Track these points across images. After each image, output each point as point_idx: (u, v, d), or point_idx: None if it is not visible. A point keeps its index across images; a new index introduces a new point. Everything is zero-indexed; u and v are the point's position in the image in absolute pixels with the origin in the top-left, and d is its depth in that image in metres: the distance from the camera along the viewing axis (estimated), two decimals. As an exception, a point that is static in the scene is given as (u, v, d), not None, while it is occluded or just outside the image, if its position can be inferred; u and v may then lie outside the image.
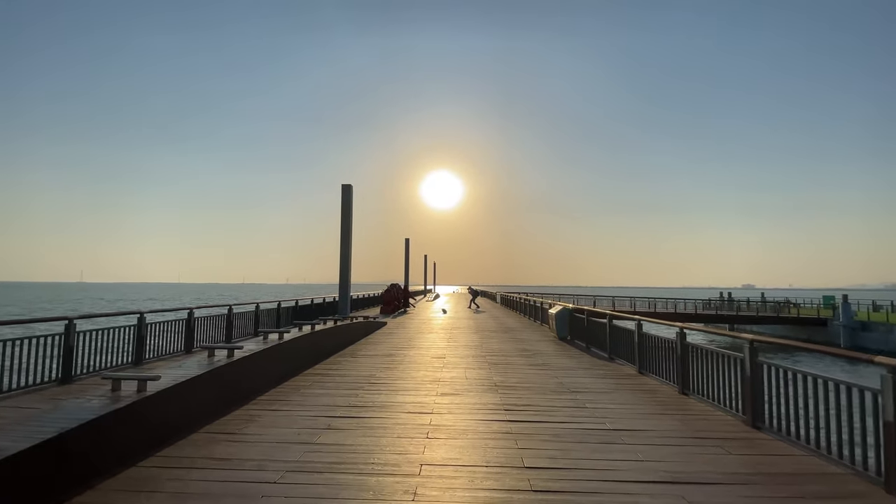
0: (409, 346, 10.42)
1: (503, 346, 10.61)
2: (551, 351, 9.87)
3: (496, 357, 8.95)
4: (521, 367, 7.96)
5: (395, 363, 8.12)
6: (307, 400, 5.68)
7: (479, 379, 6.91)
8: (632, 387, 6.58)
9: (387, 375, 7.06)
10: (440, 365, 8.04)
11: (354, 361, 8.30)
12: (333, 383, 6.55)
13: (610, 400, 5.82)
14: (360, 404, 5.45)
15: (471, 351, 9.70)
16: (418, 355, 9.06)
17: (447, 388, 6.30)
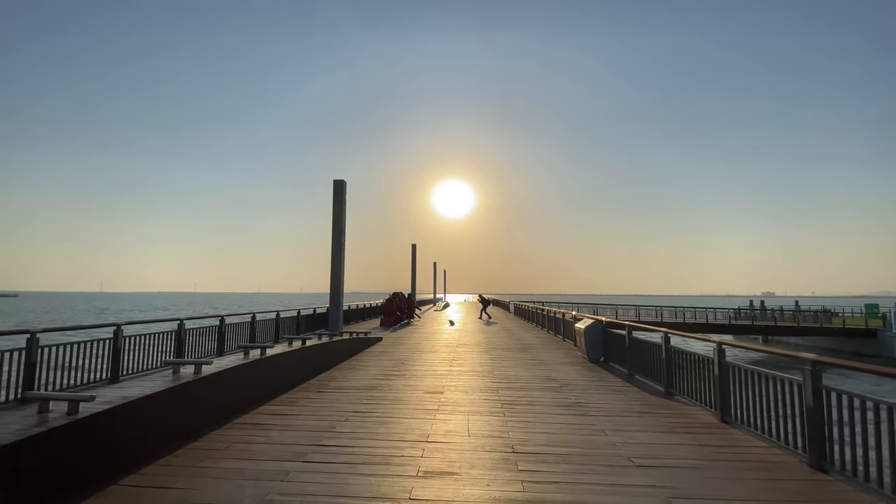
0: (401, 372, 8.14)
1: (520, 371, 8.26)
2: (584, 381, 7.49)
3: (512, 392, 6.61)
4: (549, 410, 5.61)
5: (372, 404, 5.81)
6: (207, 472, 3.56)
7: (488, 437, 4.58)
8: (725, 450, 4.23)
9: (351, 431, 4.73)
10: (434, 406, 5.73)
11: (318, 399, 6.03)
12: (261, 447, 4.26)
13: (708, 484, 3.48)
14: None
15: (478, 381, 7.38)
16: (407, 389, 6.77)
17: (437, 460, 3.96)
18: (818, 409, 3.78)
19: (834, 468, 3.65)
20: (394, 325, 18.83)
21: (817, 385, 3.82)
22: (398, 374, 7.93)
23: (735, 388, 4.97)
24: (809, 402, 3.84)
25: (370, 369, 8.37)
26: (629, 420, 5.23)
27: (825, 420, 3.74)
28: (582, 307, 37.78)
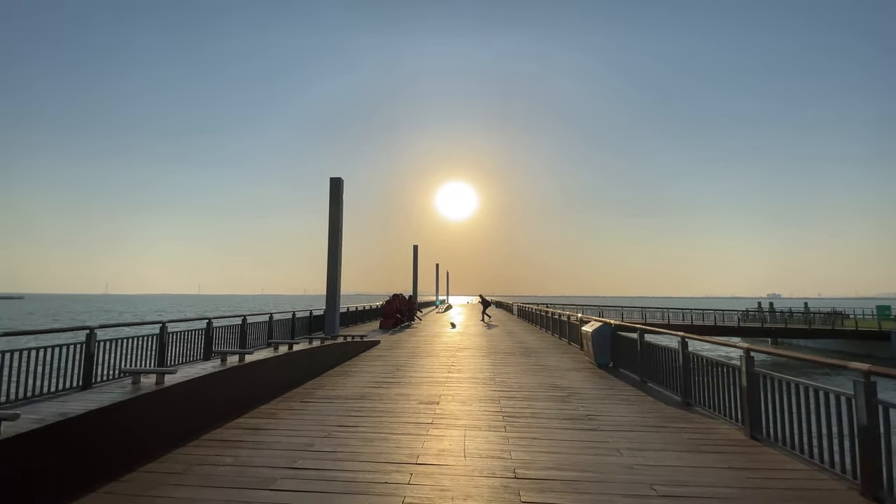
0: (395, 379, 7.58)
1: (524, 378, 7.68)
2: (593, 390, 6.90)
3: (515, 402, 6.03)
4: (555, 424, 5.02)
5: (359, 417, 5.24)
6: None
7: (487, 457, 4.01)
8: (760, 474, 3.66)
9: (332, 450, 4.14)
10: (428, 419, 5.17)
11: (300, 411, 5.48)
12: (225, 470, 3.69)
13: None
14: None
15: (478, 389, 6.80)
16: (401, 398, 6.20)
17: (426, 487, 3.39)
18: (872, 427, 3.23)
19: (892, 497, 3.12)
20: (393, 328, 18.28)
21: (871, 399, 3.26)
22: (392, 381, 7.37)
23: (767, 400, 4.40)
24: (862, 418, 3.29)
25: (363, 375, 7.81)
26: (646, 436, 4.65)
27: (881, 440, 3.19)
28: (586, 309, 37.12)
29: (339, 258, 14.46)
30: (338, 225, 14.50)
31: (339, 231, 14.56)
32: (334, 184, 14.68)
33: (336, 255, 14.38)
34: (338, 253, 14.41)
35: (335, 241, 14.43)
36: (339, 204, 14.62)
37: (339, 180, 14.71)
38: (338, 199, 14.61)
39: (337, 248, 14.40)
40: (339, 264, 14.55)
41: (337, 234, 14.44)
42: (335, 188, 14.67)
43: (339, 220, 14.57)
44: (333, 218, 14.53)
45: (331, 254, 14.41)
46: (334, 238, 14.44)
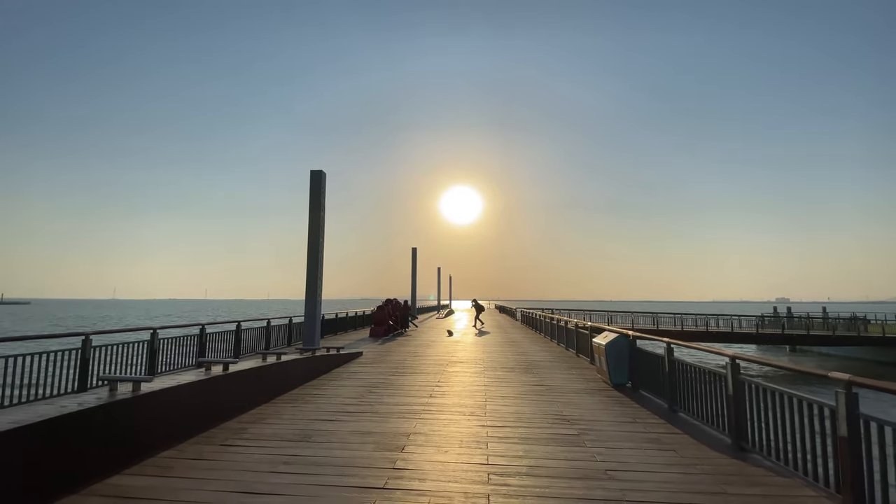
0: (360, 407, 6.03)
1: (523, 406, 6.11)
2: (611, 424, 5.31)
3: (508, 446, 4.45)
4: (564, 488, 3.46)
5: (287, 473, 3.67)
6: None
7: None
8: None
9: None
10: (380, 482, 3.58)
11: (211, 463, 3.92)
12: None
13: None
14: None
15: (462, 425, 5.20)
16: (355, 439, 4.61)
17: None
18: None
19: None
20: (384, 337, 16.77)
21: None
22: (354, 410, 5.82)
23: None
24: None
25: (322, 401, 6.30)
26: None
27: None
28: (592, 315, 35.40)
29: (320, 259, 13.01)
30: (319, 222, 13.06)
31: (321, 229, 13.12)
32: (315, 178, 13.26)
33: (317, 255, 12.93)
34: (318, 253, 12.96)
35: (315, 241, 12.99)
36: (321, 199, 13.18)
37: (321, 174, 13.28)
38: (319, 195, 13.17)
39: (318, 248, 12.96)
40: (321, 266, 13.09)
41: (318, 232, 13.00)
42: (316, 182, 13.24)
43: (321, 218, 13.13)
44: (314, 215, 13.10)
45: (311, 254, 12.97)
46: (315, 237, 13.00)
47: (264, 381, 6.38)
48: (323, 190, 13.36)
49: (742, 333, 29.37)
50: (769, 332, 29.58)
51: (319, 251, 13.05)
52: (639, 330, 27.98)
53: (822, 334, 29.05)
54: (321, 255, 13.20)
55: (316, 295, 12.84)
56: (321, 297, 13.11)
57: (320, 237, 13.12)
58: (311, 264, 12.95)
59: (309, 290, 12.86)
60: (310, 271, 12.92)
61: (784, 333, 29.14)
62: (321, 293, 13.13)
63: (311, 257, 12.98)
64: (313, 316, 12.75)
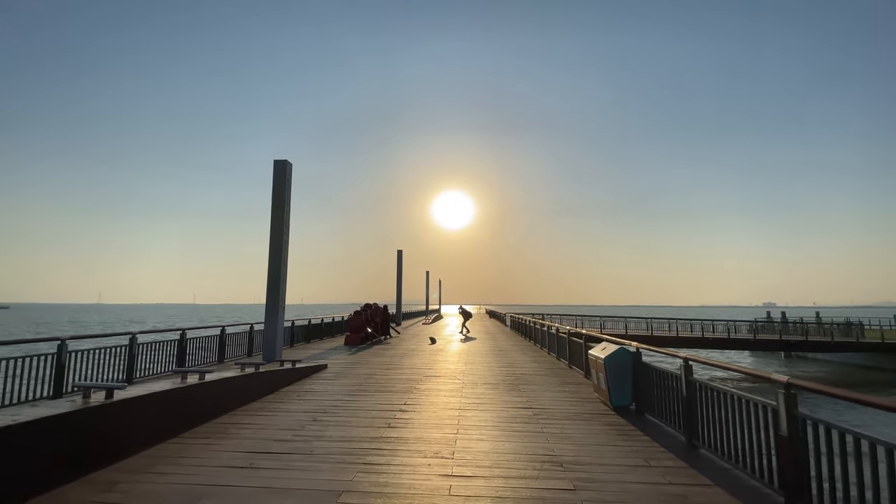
0: (294, 443, 4.66)
1: (503, 441, 4.79)
2: (616, 468, 4.01)
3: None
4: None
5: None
6: None
7: None
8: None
9: None
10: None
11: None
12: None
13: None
14: None
15: (419, 476, 3.83)
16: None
17: None
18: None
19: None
20: (360, 345, 15.37)
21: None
22: (282, 449, 4.43)
23: None
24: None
25: (248, 434, 4.93)
26: None
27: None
28: (584, 320, 34.23)
29: (283, 259, 11.64)
30: (283, 217, 11.69)
31: (285, 225, 11.75)
32: (279, 168, 11.91)
33: (280, 254, 11.56)
34: (282, 252, 11.59)
35: (279, 238, 11.62)
36: (285, 192, 11.83)
37: (285, 164, 11.94)
38: (283, 187, 11.82)
39: (281, 246, 11.59)
40: (285, 266, 11.72)
41: (281, 228, 11.64)
42: (280, 173, 11.89)
43: (285, 213, 11.77)
44: (277, 209, 11.73)
45: (273, 253, 11.59)
46: (278, 233, 11.63)
47: (178, 408, 5.00)
48: (288, 182, 12.01)
49: (739, 339, 28.38)
50: (766, 339, 28.61)
51: (283, 249, 11.69)
52: (636, 338, 26.82)
53: (820, 340, 28.15)
54: (285, 254, 11.83)
55: (278, 299, 11.46)
56: (284, 301, 11.73)
57: (284, 233, 11.75)
58: (274, 264, 11.58)
59: (270, 294, 11.48)
60: (271, 272, 11.54)
61: (781, 339, 28.18)
62: (284, 297, 11.75)
63: (274, 256, 11.60)
64: (275, 323, 11.36)
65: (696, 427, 4.56)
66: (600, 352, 6.77)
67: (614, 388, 6.33)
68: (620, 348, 6.46)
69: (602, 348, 6.90)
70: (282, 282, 11.54)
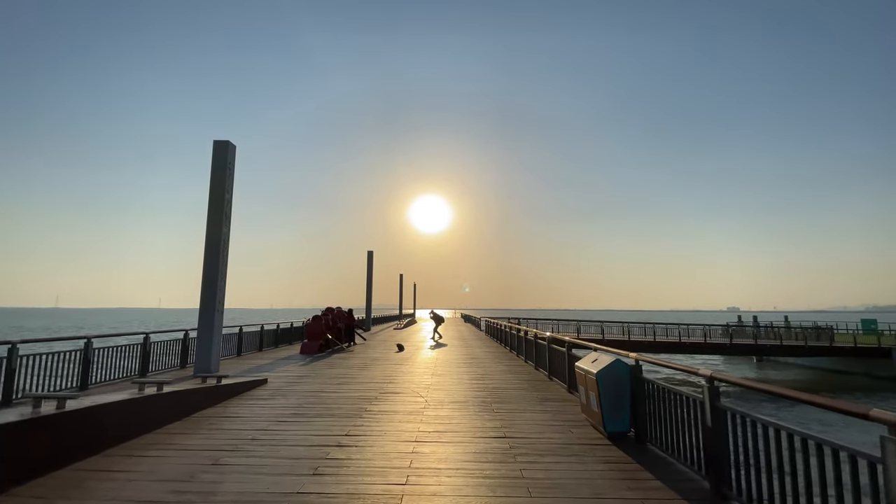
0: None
1: (470, 495, 3.48)
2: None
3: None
4: None
5: None
6: None
7: None
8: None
9: None
10: None
11: None
12: None
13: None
14: None
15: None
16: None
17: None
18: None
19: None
20: (318, 354, 13.79)
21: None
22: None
23: None
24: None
25: (107, 490, 3.44)
26: None
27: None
28: (560, 324, 33.36)
29: (222, 256, 10.03)
30: (222, 208, 10.10)
31: (225, 216, 10.16)
32: (219, 150, 10.31)
33: (217, 251, 9.94)
34: (220, 249, 9.98)
35: (217, 232, 10.01)
36: (226, 175, 10.24)
37: (227, 145, 10.34)
38: (223, 173, 10.23)
39: (219, 241, 9.98)
40: (223, 265, 10.10)
41: (220, 220, 10.03)
42: (220, 157, 10.29)
43: (226, 202, 10.18)
44: (216, 198, 10.12)
45: (210, 249, 9.96)
46: (216, 227, 10.01)
47: (15, 452, 3.46)
48: (230, 166, 10.42)
49: (716, 344, 28.00)
50: (742, 343, 28.35)
51: (222, 245, 10.07)
52: (614, 343, 25.90)
53: (794, 345, 28.07)
54: (225, 251, 10.21)
55: (215, 301, 9.84)
56: (223, 304, 10.11)
57: (224, 226, 10.15)
58: (210, 261, 9.95)
59: (205, 296, 9.84)
60: (207, 271, 9.91)
61: (757, 344, 27.97)
62: (223, 300, 10.13)
63: (211, 252, 9.98)
64: (210, 330, 9.72)
65: (726, 469, 3.36)
66: (591, 364, 5.53)
67: (609, 411, 5.10)
68: (616, 360, 5.23)
69: (592, 360, 5.66)
70: (220, 281, 9.92)
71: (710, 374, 3.65)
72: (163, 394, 5.51)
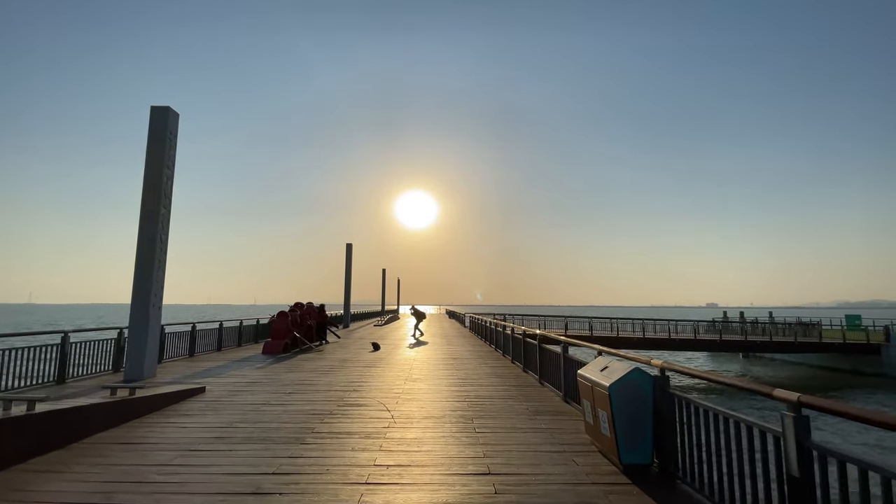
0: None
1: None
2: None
3: None
4: None
5: None
6: None
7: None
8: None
9: None
10: None
11: None
12: None
13: None
14: None
15: None
16: None
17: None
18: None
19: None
20: (283, 354, 12.36)
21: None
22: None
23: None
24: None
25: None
26: None
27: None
28: (546, 321, 32.38)
29: (159, 242, 8.54)
30: (160, 184, 8.60)
31: (164, 196, 8.66)
32: (157, 117, 8.78)
33: (154, 236, 8.45)
34: (157, 233, 8.49)
35: (154, 213, 8.50)
36: (165, 147, 8.73)
37: (167, 111, 8.82)
38: (162, 140, 8.72)
39: (156, 224, 8.48)
40: (160, 251, 8.62)
41: (157, 199, 8.53)
42: (158, 124, 8.76)
43: (164, 174, 8.67)
44: (153, 171, 8.61)
45: (145, 234, 8.45)
46: (152, 206, 8.50)
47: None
48: (170, 137, 8.90)
49: (705, 341, 27.32)
50: (732, 340, 27.73)
51: (159, 229, 8.58)
52: (600, 340, 24.83)
53: (784, 341, 27.56)
54: (164, 236, 8.72)
55: (149, 295, 8.35)
56: (161, 298, 8.63)
57: (162, 206, 8.66)
58: (145, 249, 8.46)
59: (139, 289, 8.35)
60: (141, 259, 8.42)
61: (747, 340, 27.37)
62: (161, 293, 8.65)
63: (145, 238, 8.48)
64: (144, 328, 8.25)
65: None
66: (599, 374, 4.28)
67: (626, 436, 3.87)
68: (634, 370, 3.99)
69: (601, 368, 4.42)
70: (156, 272, 8.44)
71: (798, 399, 2.43)
72: (34, 415, 4.11)
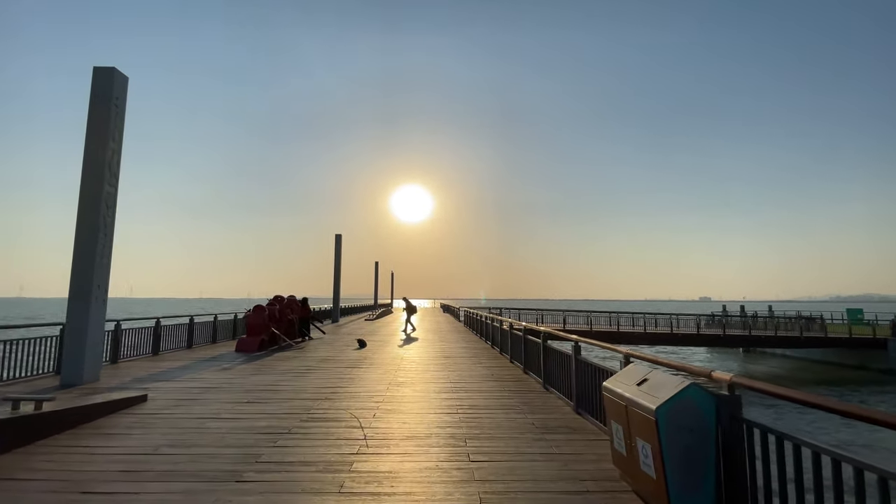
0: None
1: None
2: None
3: None
4: None
5: None
6: None
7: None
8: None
9: None
10: None
11: None
12: None
13: None
14: None
15: None
16: None
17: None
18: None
19: None
20: (258, 351, 11.20)
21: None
22: None
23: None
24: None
25: None
26: None
27: None
28: (544, 315, 31.37)
29: (102, 224, 7.32)
30: (103, 154, 7.36)
31: (108, 166, 7.42)
32: (101, 80, 7.51)
33: (96, 217, 7.23)
34: (99, 214, 7.26)
35: (97, 190, 7.27)
36: (110, 114, 7.48)
37: (112, 72, 7.55)
38: (107, 107, 7.47)
39: (99, 202, 7.25)
40: (106, 237, 7.40)
41: (101, 174, 7.30)
42: (103, 88, 7.51)
43: (109, 147, 7.43)
44: (97, 138, 7.37)
45: (85, 214, 7.23)
46: (94, 183, 7.27)
47: None
48: (116, 104, 7.64)
49: (708, 335, 26.44)
50: (735, 334, 26.87)
51: (102, 211, 7.35)
52: (602, 335, 23.79)
53: (789, 336, 26.72)
54: (109, 217, 7.50)
55: (91, 286, 7.14)
56: (105, 290, 7.44)
57: (105, 184, 7.42)
58: (86, 233, 7.23)
59: (78, 280, 7.13)
60: (81, 245, 7.20)
61: (751, 335, 26.52)
62: (106, 284, 7.45)
63: (85, 220, 7.26)
64: (83, 325, 7.05)
65: None
66: (637, 390, 3.15)
67: (680, 477, 2.76)
68: (690, 387, 2.86)
69: (637, 380, 3.28)
70: (98, 259, 7.23)
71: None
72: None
